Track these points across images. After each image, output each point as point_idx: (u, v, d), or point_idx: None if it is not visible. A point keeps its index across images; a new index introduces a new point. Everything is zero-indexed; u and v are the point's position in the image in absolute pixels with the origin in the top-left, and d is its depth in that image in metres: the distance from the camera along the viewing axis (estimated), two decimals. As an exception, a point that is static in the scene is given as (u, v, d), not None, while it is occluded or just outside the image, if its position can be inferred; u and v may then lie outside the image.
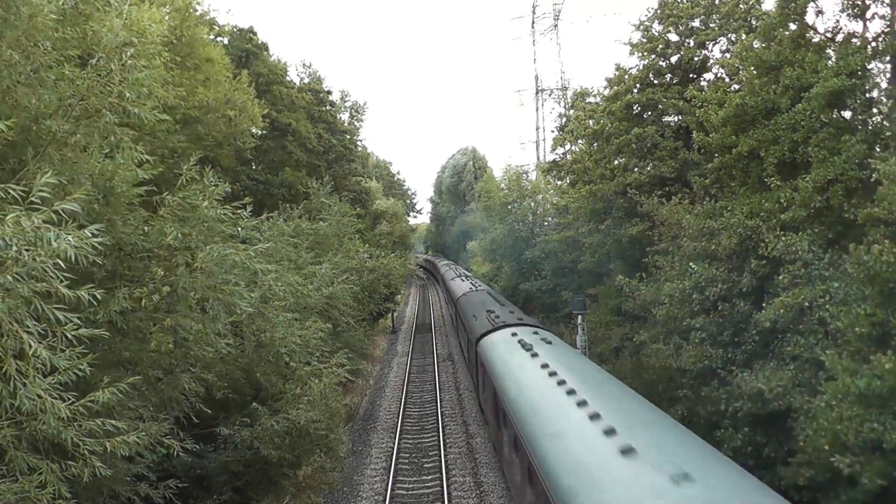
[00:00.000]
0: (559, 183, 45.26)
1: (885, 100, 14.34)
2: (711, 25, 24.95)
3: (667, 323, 17.10)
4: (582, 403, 10.04)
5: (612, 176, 26.36)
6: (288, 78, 32.68)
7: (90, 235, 6.13)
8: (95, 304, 6.53)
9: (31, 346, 5.84)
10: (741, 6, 24.04)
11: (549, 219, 42.65)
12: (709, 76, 26.00)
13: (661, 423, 9.16)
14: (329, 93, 37.05)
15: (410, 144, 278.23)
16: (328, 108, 36.54)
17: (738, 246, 15.42)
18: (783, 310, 12.83)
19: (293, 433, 13.15)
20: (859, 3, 14.71)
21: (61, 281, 5.97)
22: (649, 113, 26.07)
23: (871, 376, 9.79)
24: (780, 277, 13.62)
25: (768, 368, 13.28)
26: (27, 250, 5.74)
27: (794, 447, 12.07)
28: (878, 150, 13.64)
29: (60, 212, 6.09)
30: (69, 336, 6.21)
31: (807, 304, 12.55)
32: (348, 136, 38.99)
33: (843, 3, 14.97)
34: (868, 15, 14.78)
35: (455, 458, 19.26)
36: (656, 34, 25.98)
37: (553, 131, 53.96)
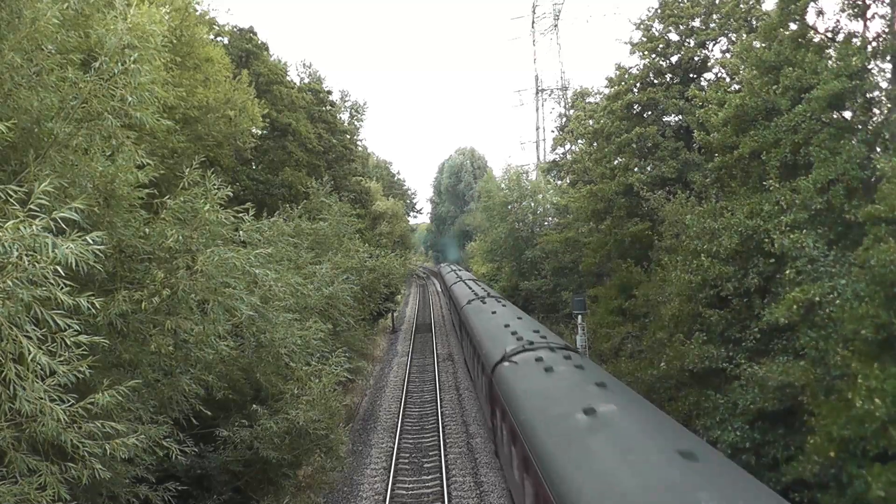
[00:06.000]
0: (559, 183, 45.33)
1: (885, 100, 14.36)
2: (712, 25, 24.99)
3: (674, 320, 17.10)
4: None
5: (613, 175, 26.39)
6: (288, 78, 32.69)
7: (92, 243, 6.13)
8: (95, 310, 6.53)
9: (30, 352, 5.86)
10: (741, 6, 24.06)
11: (550, 219, 42.68)
12: (709, 76, 26.07)
13: None
14: (329, 93, 37.05)
15: (410, 144, 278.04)
16: (328, 108, 36.54)
17: (740, 246, 15.46)
18: (796, 306, 12.81)
19: (293, 433, 13.17)
20: (859, 2, 14.71)
21: (61, 288, 5.98)
22: (650, 113, 26.11)
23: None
24: (787, 272, 13.63)
25: (778, 361, 13.30)
26: (28, 256, 5.76)
27: (800, 446, 12.13)
28: (878, 150, 13.66)
29: (59, 220, 6.09)
30: (68, 342, 6.23)
31: (817, 299, 12.55)
32: (348, 136, 38.99)
33: (843, 3, 14.98)
34: (868, 15, 14.78)
35: (455, 457, 19.27)
36: (657, 34, 26.02)
37: (553, 131, 54.10)
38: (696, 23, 25.38)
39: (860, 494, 10.09)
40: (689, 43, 25.30)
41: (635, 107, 26.21)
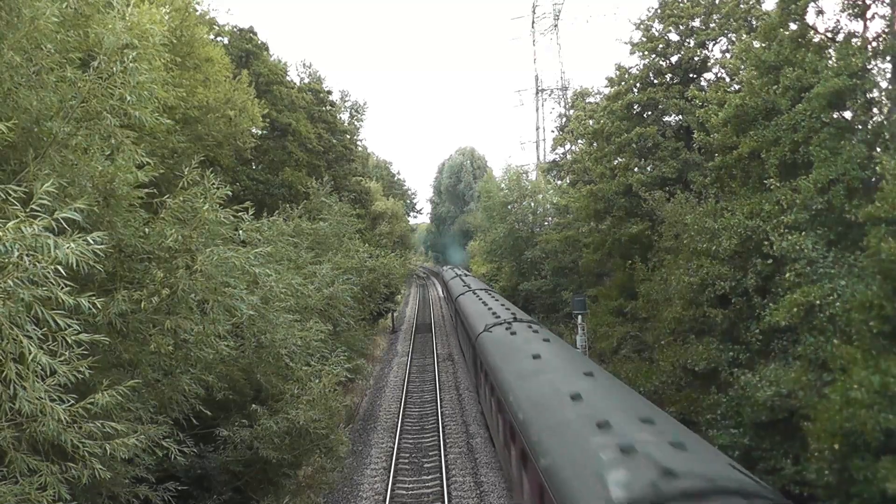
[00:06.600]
0: (559, 183, 45.33)
1: (885, 100, 14.36)
2: (711, 25, 24.98)
3: (675, 322, 17.08)
4: None
5: (613, 175, 26.39)
6: (288, 78, 32.69)
7: (93, 243, 6.13)
8: (95, 310, 6.54)
9: (30, 352, 5.86)
10: (741, 6, 24.07)
11: (549, 219, 42.66)
12: (709, 76, 26.08)
13: None
14: (329, 93, 37.05)
15: (410, 144, 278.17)
16: (328, 108, 36.54)
17: (740, 246, 15.45)
18: (796, 309, 12.81)
19: (293, 433, 13.16)
20: (859, 2, 14.71)
21: (62, 287, 5.98)
22: (650, 113, 26.11)
23: (886, 375, 9.89)
24: (787, 275, 13.63)
25: (771, 369, 13.30)
26: (28, 256, 5.76)
27: (798, 451, 12.11)
28: (878, 150, 13.66)
29: (60, 220, 6.09)
30: (69, 341, 6.23)
31: (817, 301, 12.56)
32: (348, 136, 39.00)
33: (843, 3, 14.98)
34: (868, 15, 14.78)
35: (455, 457, 19.26)
36: (657, 34, 26.01)
37: (553, 131, 54.13)
38: (696, 23, 25.37)
39: (866, 488, 10.11)
40: (689, 43, 25.30)
41: (635, 107, 26.19)
